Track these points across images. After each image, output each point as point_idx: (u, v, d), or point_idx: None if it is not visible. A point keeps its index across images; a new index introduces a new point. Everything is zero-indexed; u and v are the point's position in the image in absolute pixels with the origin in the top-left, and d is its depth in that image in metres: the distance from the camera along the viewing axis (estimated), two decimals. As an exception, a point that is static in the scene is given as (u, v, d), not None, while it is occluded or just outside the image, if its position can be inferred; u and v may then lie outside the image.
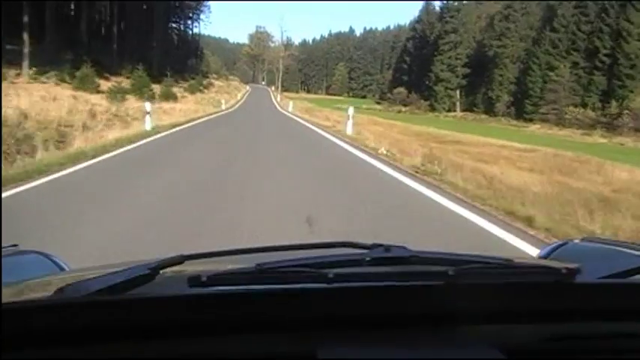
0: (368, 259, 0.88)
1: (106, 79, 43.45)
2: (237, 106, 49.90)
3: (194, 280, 0.79)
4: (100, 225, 5.09)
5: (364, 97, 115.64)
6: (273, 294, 0.82)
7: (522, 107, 60.06)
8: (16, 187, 6.73)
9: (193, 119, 25.99)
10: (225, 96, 59.74)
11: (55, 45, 39.93)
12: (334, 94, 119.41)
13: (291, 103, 45.94)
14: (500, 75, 64.55)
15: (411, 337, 0.81)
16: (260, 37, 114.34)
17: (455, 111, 70.69)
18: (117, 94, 28.88)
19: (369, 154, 11.72)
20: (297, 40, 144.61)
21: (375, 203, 6.64)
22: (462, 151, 23.16)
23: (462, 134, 37.01)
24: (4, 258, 1.19)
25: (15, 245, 1.39)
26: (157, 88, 38.16)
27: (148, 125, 16.90)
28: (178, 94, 40.74)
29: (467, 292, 0.85)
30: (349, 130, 17.33)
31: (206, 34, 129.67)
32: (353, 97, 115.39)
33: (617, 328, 0.89)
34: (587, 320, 0.90)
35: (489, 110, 65.00)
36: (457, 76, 71.40)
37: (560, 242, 1.46)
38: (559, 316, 0.88)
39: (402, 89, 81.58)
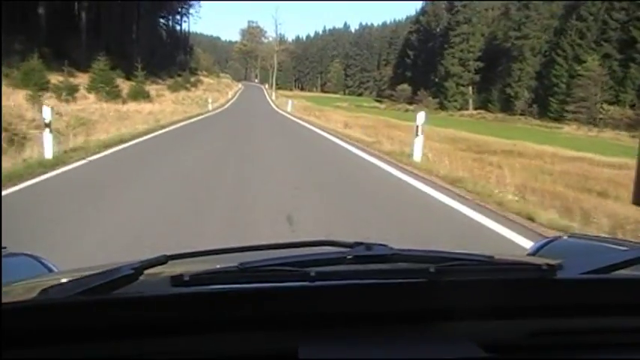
0: (350, 257, 0.86)
1: (71, 74, 35.53)
2: (227, 105, 41.69)
3: (177, 280, 0.78)
4: None
5: (360, 94, 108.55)
6: (255, 293, 0.80)
7: (546, 105, 52.20)
8: None
9: (161, 127, 17.93)
10: (215, 94, 51.77)
11: (5, 34, 31.66)
12: (329, 92, 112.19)
13: (290, 102, 37.87)
14: (520, 69, 56.48)
15: (393, 335, 0.79)
16: (253, 33, 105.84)
17: (467, 109, 62.61)
18: (64, 92, 20.69)
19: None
20: (290, 37, 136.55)
21: None
22: (542, 172, 15.36)
23: (504, 140, 29.04)
24: None
25: (4, 248, 1.30)
26: (130, 85, 30.27)
27: (47, 149, 8.77)
28: (154, 93, 32.45)
29: (448, 289, 0.83)
30: (417, 155, 9.28)
31: (198, 31, 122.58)
32: (349, 94, 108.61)
33: (598, 324, 0.88)
34: (569, 316, 0.87)
35: (507, 108, 57.00)
36: (469, 71, 63.21)
37: (548, 239, 1.44)
38: (540, 312, 0.86)
39: (405, 86, 73.47)
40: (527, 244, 4.19)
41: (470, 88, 64.06)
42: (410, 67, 77.37)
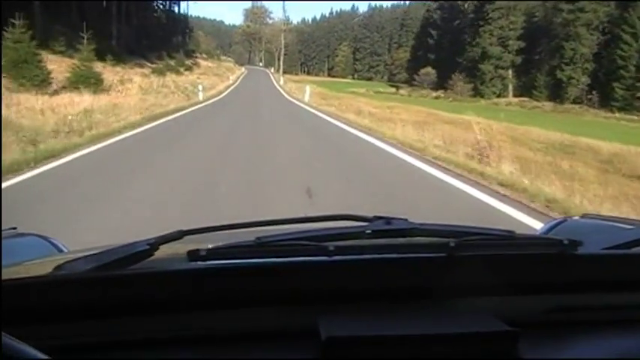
0: (368, 231, 0.82)
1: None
2: (225, 93, 31.52)
3: (193, 255, 0.74)
4: None
5: (370, 79, 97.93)
6: (273, 267, 0.77)
7: (608, 92, 41.70)
8: None
9: (70, 148, 7.94)
10: (213, 79, 41.61)
11: None
12: (337, 77, 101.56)
13: (307, 89, 27.60)
14: (572, 49, 45.81)
15: (414, 310, 0.76)
16: (257, 13, 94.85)
17: (506, 95, 51.99)
18: None
19: None
20: (295, 20, 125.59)
21: None
22: None
23: (623, 146, 18.62)
24: (3, 241, 1.09)
25: (14, 228, 1.27)
26: (100, 67, 20.05)
27: None
28: (117, 78, 22.03)
29: (468, 264, 0.79)
30: None
31: (201, 15, 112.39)
32: (358, 79, 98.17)
33: (621, 299, 0.84)
34: (591, 291, 0.84)
35: (556, 95, 46.50)
36: (509, 52, 52.42)
37: (560, 220, 1.40)
38: (562, 288, 0.83)
39: (429, 69, 62.75)
40: None
41: (509, 71, 53.31)
42: (433, 49, 66.44)
